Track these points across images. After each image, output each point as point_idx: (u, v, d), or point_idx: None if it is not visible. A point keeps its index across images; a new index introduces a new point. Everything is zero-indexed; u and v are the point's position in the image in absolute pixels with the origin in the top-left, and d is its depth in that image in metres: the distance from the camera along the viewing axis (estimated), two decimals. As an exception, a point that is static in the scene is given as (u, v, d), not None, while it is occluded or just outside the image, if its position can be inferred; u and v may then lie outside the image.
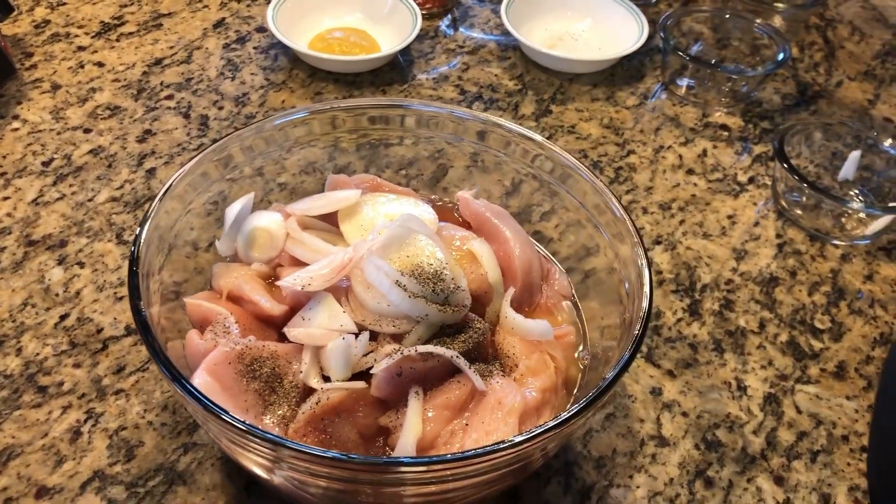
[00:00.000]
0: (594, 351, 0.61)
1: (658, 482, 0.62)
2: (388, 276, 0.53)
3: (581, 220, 0.66)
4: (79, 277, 0.71)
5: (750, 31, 1.05)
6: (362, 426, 0.52)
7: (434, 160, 0.73)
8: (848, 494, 0.63)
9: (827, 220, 0.83)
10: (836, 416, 0.68)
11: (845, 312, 0.77)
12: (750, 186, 0.89)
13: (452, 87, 0.98)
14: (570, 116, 0.95)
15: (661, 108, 0.98)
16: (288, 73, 0.96)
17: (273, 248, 0.60)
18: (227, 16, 1.04)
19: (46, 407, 0.62)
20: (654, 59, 1.06)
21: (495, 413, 0.51)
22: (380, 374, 0.51)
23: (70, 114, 0.87)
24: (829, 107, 1.02)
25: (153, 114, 0.88)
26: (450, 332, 0.55)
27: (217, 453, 0.60)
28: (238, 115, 0.89)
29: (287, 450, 0.43)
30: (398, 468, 0.45)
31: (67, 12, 1.02)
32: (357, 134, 0.70)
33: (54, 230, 0.75)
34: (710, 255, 0.80)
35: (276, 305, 0.56)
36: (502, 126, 0.68)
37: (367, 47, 0.98)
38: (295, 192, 0.69)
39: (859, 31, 1.17)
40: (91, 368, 0.65)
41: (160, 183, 0.80)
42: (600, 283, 0.65)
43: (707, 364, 0.71)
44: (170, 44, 0.98)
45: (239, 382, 0.51)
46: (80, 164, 0.81)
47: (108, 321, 0.68)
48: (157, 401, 0.63)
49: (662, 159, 0.91)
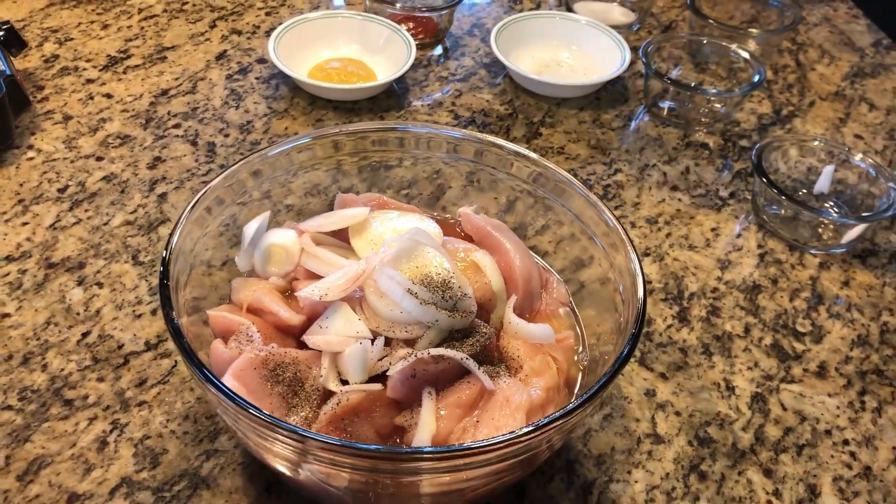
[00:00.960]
0: (592, 354, 0.65)
1: (655, 477, 0.66)
2: (400, 285, 0.57)
3: (575, 233, 0.70)
4: (98, 297, 0.74)
5: (726, 55, 1.11)
6: (379, 425, 0.56)
7: (432, 180, 0.77)
8: (832, 484, 0.67)
9: (805, 230, 0.88)
10: (819, 413, 0.72)
11: (825, 316, 0.81)
12: (731, 201, 0.94)
13: (447, 113, 1.02)
14: (559, 138, 1.00)
15: (644, 129, 1.04)
16: (289, 102, 1.00)
17: (289, 263, 0.64)
18: (228, 48, 1.09)
19: (73, 419, 0.65)
20: (637, 83, 1.11)
21: (504, 410, 0.55)
22: (395, 376, 0.55)
23: (82, 143, 0.91)
24: (803, 125, 1.08)
25: (162, 142, 0.92)
26: (458, 336, 0.58)
27: (238, 458, 0.63)
28: (244, 142, 0.93)
29: (316, 442, 0.47)
30: (418, 457, 0.48)
31: (75, 47, 1.06)
32: (358, 157, 0.74)
33: (73, 253, 0.78)
34: (696, 266, 0.85)
35: (295, 315, 0.60)
36: (497, 145, 0.72)
37: (364, 76, 1.03)
38: (302, 213, 0.73)
39: (829, 53, 1.24)
40: (114, 382, 0.68)
41: (172, 207, 0.84)
42: (595, 292, 0.69)
43: (697, 367, 0.75)
44: (174, 75, 1.03)
45: (263, 386, 0.55)
46: (95, 190, 0.85)
47: (128, 337, 0.71)
48: (178, 411, 0.66)
49: (648, 177, 0.96)
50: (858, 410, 0.73)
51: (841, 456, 0.69)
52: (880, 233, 0.92)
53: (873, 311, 0.82)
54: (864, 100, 1.14)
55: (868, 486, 0.67)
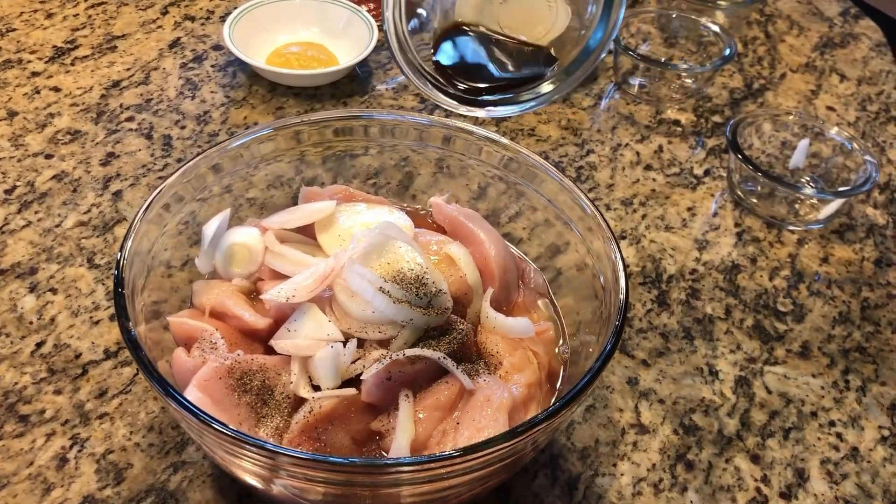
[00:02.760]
0: (573, 344, 0.62)
1: (641, 468, 0.64)
2: (371, 283, 0.54)
3: (549, 219, 0.68)
4: (52, 304, 0.70)
5: (696, 29, 1.09)
6: (355, 432, 0.53)
7: (400, 168, 0.74)
8: (820, 467, 0.66)
9: (781, 207, 0.86)
10: (803, 394, 0.71)
11: (805, 294, 0.80)
12: (706, 179, 0.92)
13: (412, 97, 0.99)
14: (529, 119, 0.97)
15: (615, 108, 1.01)
16: (248, 90, 0.96)
17: (252, 263, 0.61)
18: (182, 35, 1.04)
19: (30, 436, 0.61)
20: (606, 61, 1.08)
21: (485, 410, 0.52)
22: (369, 379, 0.52)
23: (29, 140, 0.86)
24: (775, 98, 1.06)
25: (115, 136, 0.88)
26: (434, 334, 0.56)
27: (207, 470, 0.60)
28: (201, 134, 0.89)
29: (288, 457, 0.44)
30: (396, 469, 0.46)
31: (18, 38, 1.00)
32: (322, 147, 0.71)
33: (23, 258, 0.74)
34: (673, 247, 0.83)
35: (261, 319, 0.57)
36: (465, 130, 0.69)
37: (326, 61, 0.99)
38: (265, 207, 0.70)
39: (797, 24, 1.22)
40: (72, 394, 0.64)
41: (127, 205, 0.80)
42: (572, 279, 0.66)
43: (679, 352, 0.73)
44: (126, 66, 0.98)
45: (230, 397, 0.52)
46: (45, 190, 0.81)
47: (85, 346, 0.68)
48: (142, 422, 0.63)
49: (621, 157, 0.94)
50: (843, 390, 0.72)
51: (828, 438, 0.68)
52: (857, 206, 0.90)
53: (853, 287, 0.81)
54: (835, 70, 1.12)
55: (856, 468, 0.66)
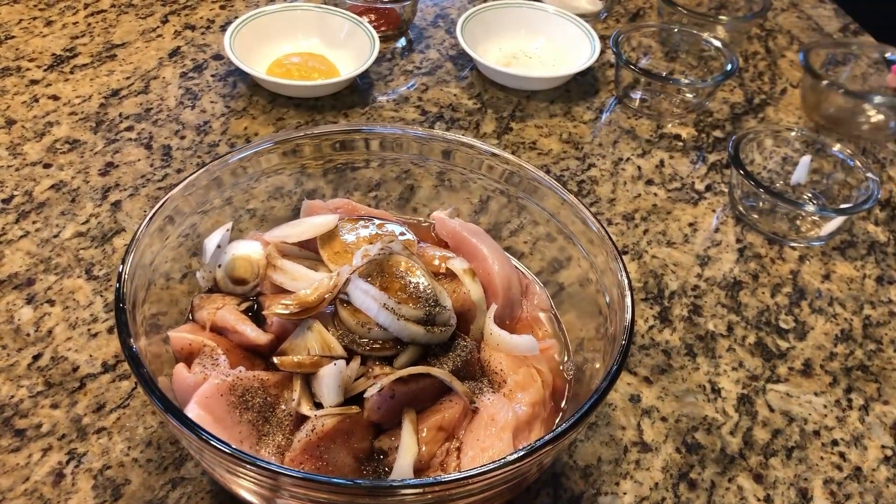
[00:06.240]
0: (577, 360, 0.62)
1: (644, 487, 0.63)
2: (375, 300, 0.54)
3: (552, 233, 0.68)
4: (49, 315, 0.70)
5: (697, 43, 1.09)
6: (357, 450, 0.52)
7: (401, 181, 0.73)
8: (823, 487, 0.65)
9: (783, 223, 0.86)
10: (806, 413, 0.70)
11: (807, 312, 0.79)
12: (707, 194, 0.92)
13: (413, 108, 0.99)
14: (530, 133, 0.97)
15: (616, 122, 1.01)
16: (248, 100, 0.96)
17: (254, 277, 0.60)
18: (182, 44, 1.04)
19: (26, 450, 0.60)
20: (608, 74, 1.08)
21: (489, 429, 0.52)
22: (373, 397, 0.52)
23: (28, 149, 0.85)
24: (776, 114, 1.06)
25: (114, 146, 0.87)
26: (437, 351, 0.55)
27: (206, 486, 0.60)
28: (201, 144, 0.89)
29: (289, 478, 0.43)
30: (401, 491, 0.45)
31: (17, 45, 1.00)
32: (323, 160, 0.71)
33: (20, 268, 0.73)
34: (675, 263, 0.83)
35: (262, 335, 0.56)
36: (466, 144, 0.69)
37: (326, 72, 0.98)
38: (265, 219, 0.69)
39: (798, 39, 1.22)
40: (70, 408, 0.63)
41: (126, 216, 0.79)
42: (575, 294, 0.66)
43: (681, 369, 0.72)
44: (125, 74, 0.97)
45: (232, 414, 0.51)
46: (43, 199, 0.80)
47: (83, 359, 0.67)
48: (140, 437, 0.62)
49: (622, 171, 0.93)
50: (846, 409, 0.71)
51: (831, 457, 0.67)
52: (858, 223, 0.90)
53: (855, 304, 0.81)
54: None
55: (859, 488, 0.65)
